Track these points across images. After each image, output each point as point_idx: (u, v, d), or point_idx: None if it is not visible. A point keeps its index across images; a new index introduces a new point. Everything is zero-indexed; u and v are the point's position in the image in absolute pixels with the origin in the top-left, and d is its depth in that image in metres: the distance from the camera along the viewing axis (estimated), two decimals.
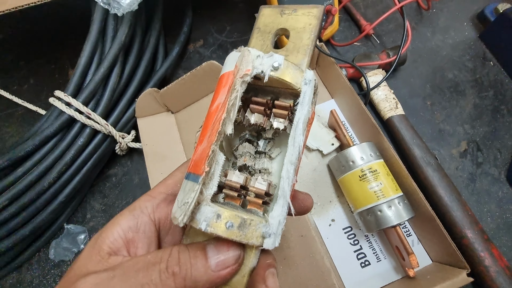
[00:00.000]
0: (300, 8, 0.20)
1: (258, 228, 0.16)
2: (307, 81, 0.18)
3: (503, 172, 0.38)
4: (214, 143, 0.16)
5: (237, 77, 0.17)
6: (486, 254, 0.31)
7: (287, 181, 0.17)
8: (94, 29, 0.36)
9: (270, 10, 0.22)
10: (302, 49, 0.19)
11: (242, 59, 0.18)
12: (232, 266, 0.16)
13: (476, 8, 0.49)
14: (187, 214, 0.15)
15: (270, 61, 0.17)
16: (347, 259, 0.34)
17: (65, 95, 0.34)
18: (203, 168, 0.16)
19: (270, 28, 0.21)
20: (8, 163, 0.32)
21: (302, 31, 0.20)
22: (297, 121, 0.18)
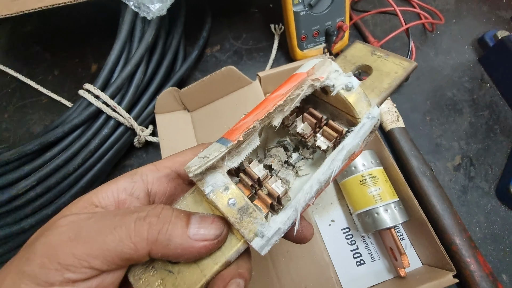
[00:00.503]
0: (392, 56, 0.21)
1: (256, 222, 0.15)
2: (371, 116, 0.18)
3: (493, 186, 0.41)
4: (259, 120, 0.16)
5: (308, 78, 0.17)
6: (472, 260, 0.34)
7: (306, 195, 0.16)
8: (124, 30, 0.40)
9: (363, 46, 0.23)
10: (378, 90, 0.20)
11: (321, 66, 0.18)
12: (210, 241, 0.15)
13: (477, 33, 0.52)
14: (203, 167, 0.15)
15: (345, 80, 0.17)
16: (344, 257, 0.37)
17: (94, 88, 0.37)
18: (237, 136, 0.16)
19: (356, 60, 0.22)
20: (38, 147, 0.35)
21: (385, 76, 0.20)
22: (342, 147, 0.17)
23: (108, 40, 0.54)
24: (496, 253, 0.37)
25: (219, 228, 0.16)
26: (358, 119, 0.18)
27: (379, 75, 0.21)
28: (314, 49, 0.48)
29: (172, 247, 0.15)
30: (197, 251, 0.15)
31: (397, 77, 0.20)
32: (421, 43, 0.53)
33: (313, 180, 0.17)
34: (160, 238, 0.15)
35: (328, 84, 0.18)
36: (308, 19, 0.45)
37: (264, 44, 0.54)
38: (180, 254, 0.15)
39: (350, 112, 0.18)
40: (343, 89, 0.17)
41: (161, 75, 0.44)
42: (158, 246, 0.15)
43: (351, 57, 0.22)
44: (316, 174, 0.17)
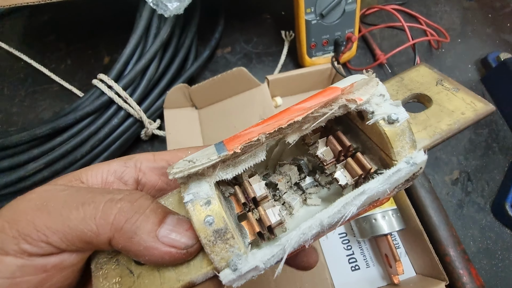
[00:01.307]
0: (464, 91, 0.17)
1: (231, 251, 0.13)
2: (412, 162, 0.14)
3: (488, 203, 0.42)
4: (265, 133, 0.14)
5: (342, 97, 0.14)
6: (465, 272, 0.35)
7: (301, 236, 0.13)
8: (141, 25, 0.41)
9: (428, 71, 0.18)
10: (432, 130, 0.16)
11: (364, 85, 0.14)
12: (177, 250, 0.13)
13: (480, 53, 0.54)
14: (185, 172, 0.13)
15: (390, 109, 0.14)
16: (339, 261, 0.37)
17: (108, 79, 0.38)
18: (234, 148, 0.13)
19: (414, 86, 0.18)
20: (50, 131, 0.36)
21: (448, 114, 0.16)
22: (363, 191, 0.13)
23: (122, 34, 0.55)
24: (489, 268, 0.38)
25: (192, 239, 0.14)
26: (394, 161, 0.14)
27: (439, 111, 0.16)
28: (322, 57, 0.49)
29: (135, 242, 0.13)
30: (161, 255, 0.13)
31: (462, 119, 0.16)
32: (426, 59, 0.54)
33: (315, 220, 0.13)
34: (125, 227, 0.13)
35: (366, 109, 0.14)
36: (318, 28, 0.46)
37: (274, 50, 0.55)
38: (141, 252, 0.13)
39: (386, 149, 0.14)
40: (384, 120, 0.14)
41: (172, 71, 0.45)
42: (121, 235, 0.13)
43: (410, 81, 0.18)
44: (320, 214, 0.14)
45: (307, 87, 0.49)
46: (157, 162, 0.18)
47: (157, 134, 0.45)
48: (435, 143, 0.16)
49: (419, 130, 0.16)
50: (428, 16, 0.58)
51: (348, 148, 0.16)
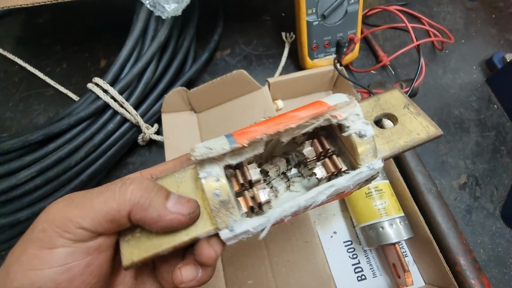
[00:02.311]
0: (423, 116, 0.21)
1: (230, 217, 0.17)
2: (371, 168, 0.18)
3: (498, 208, 0.41)
4: (267, 134, 0.18)
5: (328, 113, 0.18)
6: (477, 282, 0.33)
7: (282, 212, 0.18)
8: (138, 27, 0.40)
9: (400, 96, 0.23)
10: (392, 144, 0.20)
11: (345, 105, 0.18)
12: (183, 216, 0.17)
13: (485, 54, 0.53)
14: (204, 156, 0.17)
15: (361, 126, 0.18)
16: (345, 271, 0.36)
17: (103, 82, 0.37)
18: (243, 141, 0.17)
19: (387, 107, 0.22)
20: (42, 137, 0.34)
21: (407, 133, 0.20)
22: (332, 184, 0.18)
23: (119, 37, 0.54)
24: (500, 276, 0.37)
25: (192, 208, 0.17)
26: (359, 165, 0.18)
27: (401, 130, 0.21)
28: (324, 59, 0.48)
29: (150, 211, 0.16)
30: (171, 220, 0.17)
31: (416, 139, 0.20)
32: (430, 60, 0.53)
33: (294, 202, 0.18)
34: (141, 201, 0.16)
35: (344, 124, 0.18)
36: (320, 29, 0.45)
37: (274, 52, 0.54)
38: (155, 220, 0.17)
39: (355, 155, 0.19)
40: (356, 134, 0.18)
41: (170, 74, 0.44)
42: (138, 208, 0.16)
43: (384, 102, 0.22)
44: (299, 198, 0.18)
45: (309, 90, 0.47)
46: (143, 176, 0.20)
47: (154, 139, 0.43)
48: (392, 154, 0.20)
49: (383, 143, 0.20)
50: (431, 16, 0.57)
51: (327, 150, 0.20)
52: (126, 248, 0.18)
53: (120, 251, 0.18)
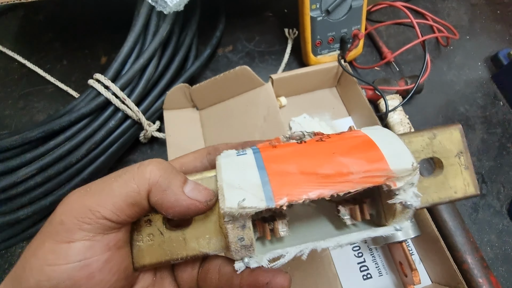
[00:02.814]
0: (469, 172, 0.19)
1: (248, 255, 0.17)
2: (398, 229, 0.17)
3: (505, 206, 0.40)
4: (311, 198, 0.15)
5: (385, 182, 0.16)
6: (484, 280, 0.33)
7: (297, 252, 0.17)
8: (139, 23, 0.39)
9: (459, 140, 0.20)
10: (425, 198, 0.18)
11: (406, 176, 0.16)
12: (200, 202, 0.16)
13: (490, 50, 0.52)
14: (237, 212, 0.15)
15: (410, 198, 0.16)
16: (350, 269, 0.35)
17: (105, 79, 0.36)
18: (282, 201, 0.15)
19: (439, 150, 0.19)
20: (42, 134, 0.34)
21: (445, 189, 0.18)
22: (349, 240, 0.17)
23: (119, 33, 0.53)
24: (508, 275, 0.36)
25: (209, 196, 0.17)
26: (385, 224, 0.17)
27: (441, 183, 0.19)
28: (328, 55, 0.48)
29: (168, 193, 0.16)
30: (188, 205, 0.16)
31: (452, 197, 0.18)
32: (434, 57, 0.52)
33: (311, 244, 0.17)
34: (160, 181, 0.16)
35: (394, 192, 0.16)
36: (324, 25, 0.45)
37: (277, 48, 0.53)
38: (172, 204, 0.16)
39: (388, 219, 0.17)
40: (401, 203, 0.16)
41: (172, 71, 0.43)
42: (157, 188, 0.16)
43: (438, 143, 0.19)
44: (314, 243, 0.17)
45: (312, 86, 0.47)
46: None
47: (156, 137, 0.43)
48: (421, 207, 0.18)
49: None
50: (435, 12, 0.56)
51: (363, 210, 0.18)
52: (137, 250, 0.17)
53: (132, 252, 0.17)
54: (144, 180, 0.16)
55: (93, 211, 0.15)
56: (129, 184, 0.15)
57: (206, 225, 0.18)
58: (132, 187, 0.15)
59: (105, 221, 0.15)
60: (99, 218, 0.15)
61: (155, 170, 0.16)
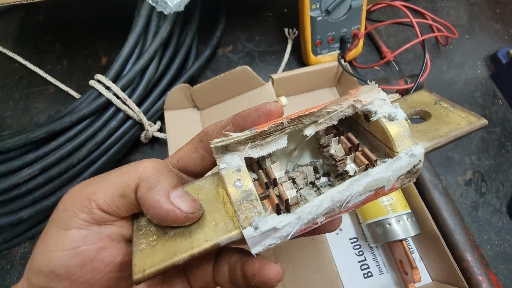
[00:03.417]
0: (459, 108, 0.19)
1: (254, 212, 0.15)
2: (411, 153, 0.16)
3: (504, 204, 0.40)
4: (288, 119, 0.16)
5: (350, 98, 0.17)
6: (484, 278, 0.33)
7: (313, 208, 0.15)
8: (140, 23, 0.39)
9: (428, 94, 0.21)
10: (431, 135, 0.18)
11: (368, 91, 0.17)
12: (179, 212, 0.16)
13: (489, 49, 0.53)
14: (224, 142, 0.16)
15: (389, 109, 0.17)
16: (351, 268, 0.36)
17: (106, 79, 0.36)
18: (264, 127, 0.16)
19: (416, 105, 0.20)
20: (44, 135, 0.34)
21: (445, 124, 0.18)
22: (368, 174, 0.16)
23: (120, 34, 0.53)
24: (508, 272, 0.36)
25: (194, 208, 0.16)
26: (396, 153, 0.16)
27: (437, 122, 0.19)
28: (328, 55, 0.48)
29: (153, 193, 0.16)
30: (166, 212, 0.16)
31: (458, 128, 0.18)
32: (434, 56, 0.52)
33: (326, 195, 0.15)
34: (150, 178, 0.16)
35: (370, 109, 0.17)
36: (324, 25, 0.45)
37: (277, 48, 0.54)
38: (153, 204, 0.16)
39: (389, 143, 0.17)
40: (385, 118, 0.17)
41: (173, 71, 0.43)
42: (145, 185, 0.16)
43: (412, 101, 0.21)
44: (331, 190, 0.16)
45: (313, 86, 0.47)
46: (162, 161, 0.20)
47: (157, 137, 0.43)
48: (434, 146, 0.18)
49: (419, 136, 0.18)
50: (434, 12, 0.56)
51: (357, 146, 0.18)
52: (139, 258, 0.16)
53: (132, 261, 0.16)
54: (136, 173, 0.16)
55: (90, 199, 0.16)
56: (123, 176, 0.16)
57: (212, 215, 0.17)
58: (124, 178, 0.16)
59: (99, 211, 0.16)
60: (94, 207, 0.16)
61: (149, 167, 0.16)
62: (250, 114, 0.18)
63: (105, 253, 0.16)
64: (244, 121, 0.18)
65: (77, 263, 0.16)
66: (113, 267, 0.17)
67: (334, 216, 0.17)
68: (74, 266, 0.15)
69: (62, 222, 0.16)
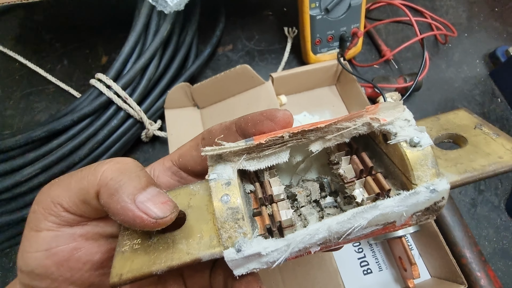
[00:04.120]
0: (504, 137, 0.16)
1: (238, 232, 0.14)
2: (433, 189, 0.14)
3: (502, 201, 0.41)
4: (289, 133, 0.15)
5: (367, 115, 0.15)
6: (483, 274, 0.33)
7: (306, 236, 0.14)
8: (140, 22, 0.39)
9: (468, 115, 0.18)
10: (463, 167, 0.15)
11: (389, 108, 0.15)
12: (147, 217, 0.14)
13: (488, 48, 0.53)
14: (215, 152, 0.15)
15: (413, 133, 0.14)
16: (350, 265, 0.36)
17: (106, 78, 0.36)
18: (261, 139, 0.15)
19: (451, 126, 0.18)
20: (46, 134, 0.34)
21: (483, 156, 0.15)
22: (377, 205, 0.14)
23: (120, 33, 0.54)
24: (506, 269, 0.37)
25: (164, 212, 0.15)
26: (414, 185, 0.14)
27: (473, 151, 0.16)
28: (327, 54, 0.48)
29: (114, 199, 0.14)
30: (133, 218, 0.14)
31: (499, 162, 0.15)
32: (433, 54, 0.53)
33: (323, 224, 0.14)
34: (109, 184, 0.14)
35: (389, 130, 0.14)
36: (323, 24, 0.45)
37: (277, 47, 0.54)
38: (118, 211, 0.14)
39: (407, 173, 0.14)
40: (406, 142, 0.14)
41: (173, 70, 0.44)
42: (105, 191, 0.15)
43: (446, 122, 0.18)
44: (329, 220, 0.14)
45: (312, 85, 0.47)
46: (165, 164, 0.19)
47: (158, 135, 0.43)
48: (464, 181, 0.15)
49: (448, 166, 0.15)
50: (433, 10, 0.56)
51: (370, 169, 0.16)
52: (119, 260, 0.15)
53: (112, 263, 0.15)
54: (95, 179, 0.15)
55: (54, 203, 0.15)
56: (82, 181, 0.15)
57: (200, 226, 0.16)
58: (83, 185, 0.15)
59: (67, 214, 0.15)
60: (61, 210, 0.15)
61: (108, 171, 0.15)
62: (254, 118, 0.17)
63: (80, 253, 0.16)
64: (246, 124, 0.17)
65: (53, 264, 0.15)
66: (92, 265, 0.17)
67: (331, 247, 0.15)
68: (50, 266, 0.15)
69: (33, 224, 0.15)
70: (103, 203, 0.15)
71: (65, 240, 0.16)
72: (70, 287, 0.16)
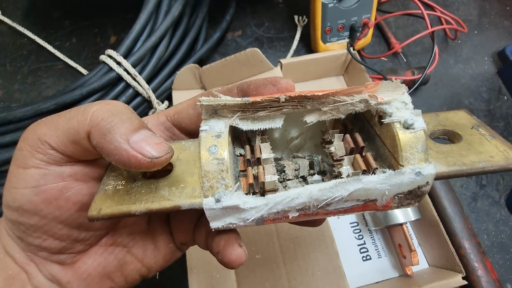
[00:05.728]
0: (499, 140, 0.16)
1: (220, 183, 0.14)
2: (419, 172, 0.14)
3: (503, 196, 0.41)
4: (287, 95, 0.15)
5: (365, 91, 0.15)
6: (480, 265, 0.34)
7: (286, 199, 0.14)
8: (152, 1, 0.39)
9: (467, 116, 0.19)
10: (453, 160, 0.15)
11: (389, 88, 0.15)
12: (142, 157, 0.14)
13: (497, 46, 0.53)
14: (210, 102, 0.15)
15: (407, 115, 0.14)
16: (350, 251, 0.36)
17: (117, 55, 0.36)
18: (256, 98, 0.15)
19: (448, 124, 0.18)
20: (54, 107, 0.34)
21: (475, 153, 0.16)
22: (359, 179, 0.14)
23: (129, 13, 0.53)
24: (503, 262, 0.37)
25: (159, 152, 0.15)
26: (400, 166, 0.14)
27: (466, 148, 0.16)
28: (336, 43, 0.48)
29: (107, 140, 0.14)
30: (128, 157, 0.14)
31: (490, 161, 0.15)
32: (442, 50, 0.53)
33: (305, 189, 0.14)
34: (100, 124, 0.14)
35: (385, 109, 0.14)
36: (335, 12, 0.45)
37: (286, 35, 0.54)
38: (111, 151, 0.14)
39: (396, 153, 0.14)
40: (399, 123, 0.14)
41: (182, 51, 0.44)
42: (96, 131, 0.14)
43: (444, 119, 0.18)
44: (311, 186, 0.14)
45: (320, 73, 0.47)
46: (159, 119, 0.20)
47: None
48: (452, 173, 0.15)
49: (438, 158, 0.15)
50: (445, 6, 0.56)
51: (361, 149, 0.16)
52: (101, 196, 0.16)
53: (94, 198, 0.16)
54: (85, 120, 0.15)
55: (41, 140, 0.15)
56: (71, 121, 0.15)
57: (185, 178, 0.16)
58: (73, 125, 0.15)
59: (54, 152, 0.15)
60: (48, 148, 0.15)
61: (98, 112, 0.15)
62: (257, 81, 0.17)
63: (70, 193, 0.16)
64: (249, 86, 0.17)
65: (41, 201, 0.15)
66: (82, 206, 0.17)
67: (310, 216, 0.15)
68: (39, 203, 0.15)
69: (19, 161, 0.15)
70: (96, 143, 0.14)
71: (54, 179, 0.16)
72: (59, 226, 0.16)
